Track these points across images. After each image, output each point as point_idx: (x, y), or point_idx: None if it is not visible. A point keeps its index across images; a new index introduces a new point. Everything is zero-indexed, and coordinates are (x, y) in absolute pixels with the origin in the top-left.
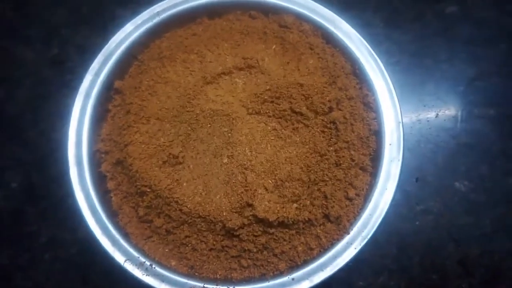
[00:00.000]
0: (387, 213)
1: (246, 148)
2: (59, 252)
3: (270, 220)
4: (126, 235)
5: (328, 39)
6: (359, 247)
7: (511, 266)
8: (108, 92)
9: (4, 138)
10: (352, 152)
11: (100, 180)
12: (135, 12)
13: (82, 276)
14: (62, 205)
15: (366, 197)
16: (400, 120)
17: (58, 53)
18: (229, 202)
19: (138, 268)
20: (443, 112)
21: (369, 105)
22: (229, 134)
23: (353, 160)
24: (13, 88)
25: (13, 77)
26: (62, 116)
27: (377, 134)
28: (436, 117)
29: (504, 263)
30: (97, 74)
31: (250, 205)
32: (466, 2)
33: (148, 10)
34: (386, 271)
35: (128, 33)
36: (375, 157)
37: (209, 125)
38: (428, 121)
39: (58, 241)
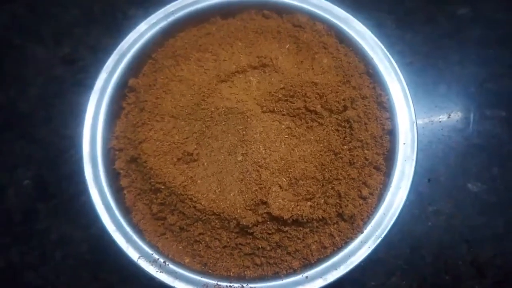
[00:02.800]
0: (400, 213)
1: (260, 146)
2: (70, 250)
3: (284, 218)
4: (139, 232)
5: (342, 38)
6: (373, 246)
7: None
8: (122, 90)
9: (16, 135)
10: (366, 151)
11: (113, 177)
12: (147, 12)
13: (93, 273)
14: (74, 203)
15: (380, 196)
16: (414, 120)
17: (70, 52)
18: (243, 199)
19: (152, 265)
20: (455, 113)
21: (383, 105)
22: (244, 132)
23: (367, 159)
24: (25, 86)
25: (25, 76)
26: (74, 114)
27: (391, 134)
28: (448, 118)
29: None
30: (111, 72)
31: (264, 203)
32: (477, 4)
33: (162, 10)
34: (398, 271)
35: (143, 32)
36: (389, 157)
37: (223, 123)
38: (440, 122)
39: (69, 239)
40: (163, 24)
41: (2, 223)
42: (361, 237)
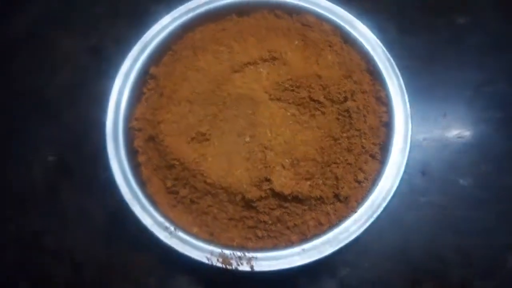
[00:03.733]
0: (393, 203)
1: (267, 130)
2: (87, 221)
3: (285, 194)
4: (154, 204)
5: (346, 39)
6: (365, 226)
7: (508, 260)
8: (144, 77)
9: (43, 119)
10: (363, 141)
11: (132, 154)
12: (169, 8)
13: (106, 242)
14: (93, 180)
15: (374, 182)
16: (409, 114)
17: (95, 43)
18: (249, 176)
19: (163, 231)
20: (450, 113)
21: (381, 100)
22: (253, 116)
23: (363, 148)
24: (53, 74)
25: (54, 64)
26: (96, 101)
27: (387, 126)
28: (443, 117)
29: (501, 257)
30: (135, 61)
31: (268, 180)
32: (476, 14)
33: (183, 6)
34: (389, 255)
35: (165, 25)
36: (384, 147)
37: (234, 108)
38: (435, 120)
39: (86, 212)
40: (184, 18)
41: (27, 193)
42: (354, 217)
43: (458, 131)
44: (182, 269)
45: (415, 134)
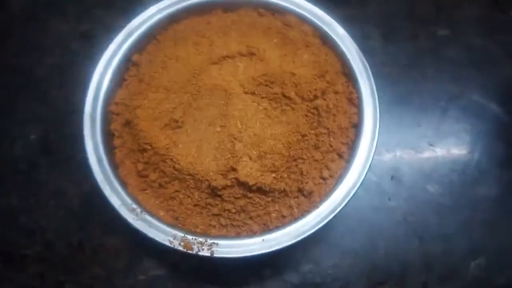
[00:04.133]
0: (360, 204)
1: (238, 121)
2: (63, 201)
3: (250, 184)
4: (124, 185)
5: (325, 40)
6: (325, 221)
7: (467, 265)
8: (126, 64)
9: (30, 97)
10: (332, 139)
11: (108, 138)
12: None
13: (79, 224)
14: (72, 161)
15: (339, 179)
16: (378, 117)
17: (88, 29)
18: (217, 165)
19: (130, 213)
20: (424, 122)
21: (353, 101)
22: (225, 107)
23: (331, 146)
24: (44, 55)
25: (46, 45)
26: (82, 83)
27: (356, 127)
28: (417, 126)
29: (461, 262)
30: (118, 47)
31: (234, 170)
32: (457, 28)
33: None
34: (353, 254)
35: (151, 15)
36: (352, 147)
37: (208, 97)
38: (409, 128)
39: (63, 192)
40: (170, 10)
41: (8, 170)
42: (316, 211)
43: (430, 140)
44: (148, 253)
45: (389, 139)
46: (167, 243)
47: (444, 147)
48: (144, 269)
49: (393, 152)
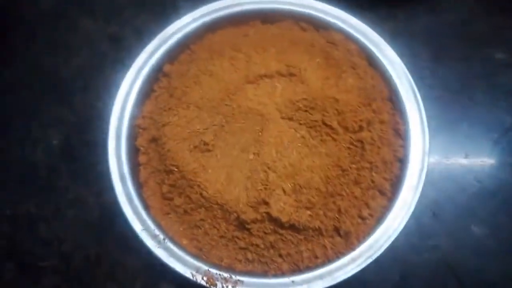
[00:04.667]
0: (397, 240)
1: (273, 149)
2: (82, 212)
3: (283, 220)
4: (147, 207)
5: (371, 62)
6: (362, 265)
7: None
8: (157, 74)
9: (54, 99)
10: (374, 174)
11: (133, 152)
12: (195, 5)
13: (97, 238)
14: (93, 169)
15: (379, 220)
16: (427, 152)
17: (117, 31)
18: (247, 196)
19: (152, 239)
20: (473, 154)
21: (399, 132)
22: (260, 133)
23: (373, 182)
24: (70, 56)
25: (73, 45)
26: (109, 88)
27: (402, 162)
28: (464, 157)
29: None
30: (150, 55)
31: (266, 203)
32: None
33: (207, 6)
34: None
35: (186, 23)
36: (395, 183)
37: (242, 121)
38: (456, 160)
39: (82, 201)
40: (206, 19)
41: (29, 175)
42: (352, 254)
43: (477, 174)
44: (167, 278)
45: (432, 170)
46: (189, 276)
47: (494, 184)
48: None
49: (436, 184)
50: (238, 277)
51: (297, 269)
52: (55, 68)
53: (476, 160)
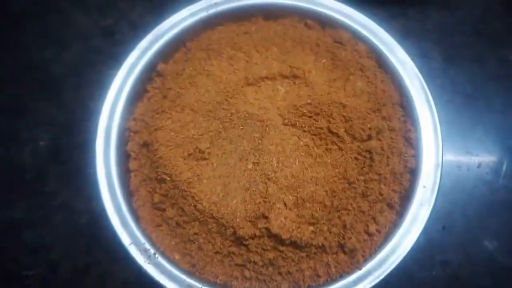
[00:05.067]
0: (405, 257)
1: (274, 159)
2: (70, 217)
3: (283, 237)
4: (137, 218)
5: (381, 63)
6: (368, 286)
7: None
8: (150, 73)
9: (43, 96)
10: (382, 186)
11: (123, 158)
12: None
13: (86, 246)
14: (83, 173)
15: (387, 236)
16: (440, 164)
17: (111, 24)
18: (245, 209)
19: (141, 254)
20: (486, 163)
21: (410, 141)
22: (260, 141)
23: (381, 195)
24: (62, 50)
25: (65, 40)
26: (101, 86)
27: (412, 173)
28: (478, 167)
29: None
30: (143, 53)
31: (265, 217)
32: None
33: (206, 0)
34: None
35: (182, 18)
36: (405, 197)
37: (241, 127)
38: (468, 169)
39: (71, 207)
40: (203, 14)
41: (14, 178)
42: (358, 274)
43: (492, 184)
44: None
45: (443, 180)
46: None
47: (507, 195)
48: None
49: (445, 196)
50: None
51: None
52: (45, 64)
53: (489, 170)
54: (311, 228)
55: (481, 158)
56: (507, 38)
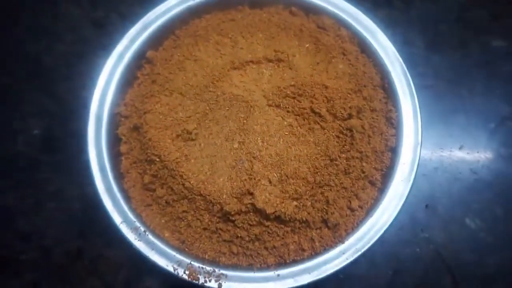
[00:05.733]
0: (389, 234)
1: (259, 138)
2: (63, 204)
3: (267, 212)
4: (128, 199)
5: (364, 48)
6: (351, 258)
7: None
8: (140, 60)
9: (36, 87)
10: (364, 164)
11: (114, 142)
12: None
13: (80, 230)
14: (75, 161)
15: (369, 211)
16: (419, 142)
17: (102, 16)
18: (231, 186)
19: (132, 232)
20: (468, 145)
21: (391, 121)
22: (245, 121)
23: (363, 172)
24: (53, 42)
25: (56, 31)
26: (92, 76)
27: (393, 151)
28: (459, 148)
29: None
30: (132, 41)
31: (250, 194)
32: None
33: None
34: None
35: (170, 7)
36: (387, 174)
37: (227, 108)
38: (451, 150)
39: (64, 193)
40: (191, 3)
41: (8, 166)
42: (341, 247)
43: (473, 165)
44: (151, 270)
45: (426, 161)
46: (171, 270)
47: (489, 175)
48: (145, 287)
49: (429, 176)
50: (221, 271)
51: (283, 263)
52: (37, 55)
53: (471, 151)
54: (295, 203)
55: (462, 140)
56: (490, 25)
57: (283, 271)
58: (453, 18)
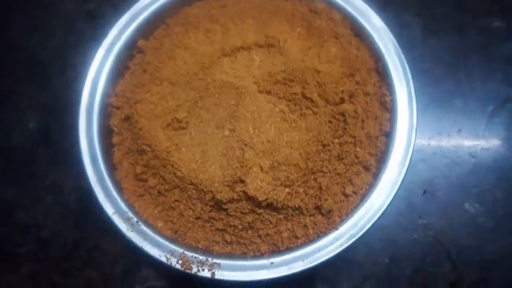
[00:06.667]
0: (386, 220)
1: (250, 125)
2: (60, 196)
3: (260, 199)
4: (120, 190)
5: (357, 31)
6: (345, 245)
7: None
8: (131, 50)
9: (32, 81)
10: (358, 149)
11: (106, 133)
12: None
13: (76, 222)
14: (71, 153)
15: (364, 197)
16: (414, 125)
17: (94, 8)
18: (223, 174)
19: (124, 223)
20: (467, 128)
21: (385, 105)
22: (235, 108)
23: (357, 157)
24: (47, 35)
25: (49, 25)
26: (87, 69)
27: (388, 136)
28: (458, 132)
29: None
30: (122, 31)
31: (242, 181)
32: None
33: None
34: (374, 278)
35: None
36: (381, 159)
37: (217, 95)
38: (449, 135)
39: (61, 186)
40: None
41: (4, 160)
42: (335, 234)
43: (472, 149)
44: (147, 261)
45: (424, 147)
46: (164, 260)
47: (488, 159)
48: (142, 278)
49: (427, 161)
50: (215, 260)
51: (277, 250)
52: (32, 49)
53: (470, 135)
54: (287, 190)
55: (461, 124)
56: (488, 7)
57: (276, 259)
58: (451, 1)
